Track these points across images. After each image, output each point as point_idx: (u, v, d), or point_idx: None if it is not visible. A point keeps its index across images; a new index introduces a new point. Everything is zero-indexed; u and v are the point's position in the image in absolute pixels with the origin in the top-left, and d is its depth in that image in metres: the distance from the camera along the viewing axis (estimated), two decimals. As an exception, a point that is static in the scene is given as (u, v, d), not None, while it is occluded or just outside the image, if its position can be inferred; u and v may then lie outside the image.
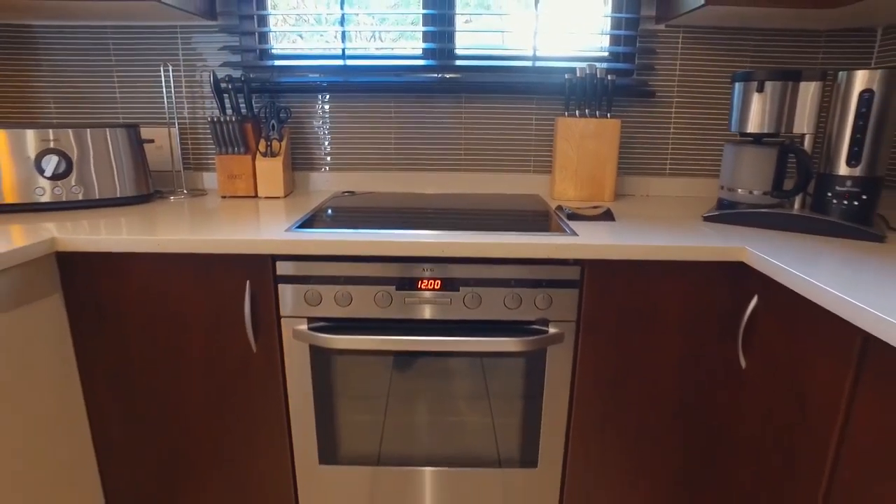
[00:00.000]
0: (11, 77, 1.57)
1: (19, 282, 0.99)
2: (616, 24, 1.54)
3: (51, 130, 1.28)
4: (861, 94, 1.09)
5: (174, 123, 1.58)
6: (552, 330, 1.11)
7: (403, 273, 1.08)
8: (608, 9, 1.55)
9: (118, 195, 1.37)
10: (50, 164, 1.27)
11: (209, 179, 1.63)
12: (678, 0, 1.37)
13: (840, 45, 1.52)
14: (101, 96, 1.58)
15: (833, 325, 0.82)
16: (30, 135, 1.26)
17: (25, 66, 1.56)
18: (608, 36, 1.57)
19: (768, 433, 0.99)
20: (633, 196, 1.60)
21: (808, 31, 1.51)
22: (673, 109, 1.57)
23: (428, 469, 1.22)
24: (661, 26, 1.52)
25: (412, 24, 1.59)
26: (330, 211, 1.30)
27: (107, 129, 1.33)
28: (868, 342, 0.76)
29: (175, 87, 1.56)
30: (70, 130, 1.29)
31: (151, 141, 1.42)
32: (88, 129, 1.31)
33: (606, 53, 1.58)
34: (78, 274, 1.10)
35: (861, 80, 1.09)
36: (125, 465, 1.23)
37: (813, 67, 1.53)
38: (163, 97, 1.57)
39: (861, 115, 1.10)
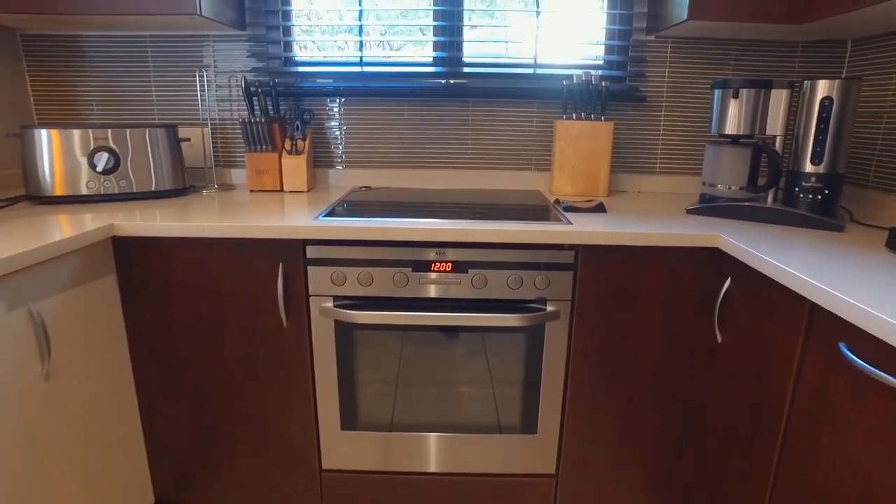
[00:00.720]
0: (59, 82, 1.72)
1: (80, 263, 1.14)
2: (610, 35, 1.69)
3: (104, 130, 1.42)
4: (822, 100, 1.24)
5: (207, 124, 1.72)
6: (550, 308, 1.25)
7: (418, 256, 1.23)
8: (603, 21, 1.69)
9: (158, 188, 1.51)
10: (101, 160, 1.41)
11: (237, 175, 1.77)
12: (665, 14, 1.52)
13: (814, 56, 1.66)
14: (140, 98, 1.73)
15: (787, 298, 0.96)
16: (81, 134, 1.41)
17: (72, 72, 1.71)
18: (603, 46, 1.72)
19: (739, 396, 1.13)
20: (625, 192, 1.75)
21: (786, 43, 1.66)
22: (662, 113, 1.72)
23: (434, 435, 1.36)
24: (651, 37, 1.67)
25: (421, 31, 1.73)
26: (351, 203, 1.45)
27: (148, 130, 1.48)
28: (813, 310, 0.90)
29: (199, 87, 1.71)
30: (119, 130, 1.44)
31: (188, 140, 1.57)
32: (135, 130, 1.46)
33: (601, 62, 1.72)
34: (130, 257, 1.24)
35: (822, 88, 1.24)
36: (167, 428, 1.37)
37: (783, 77, 1.67)
38: (196, 99, 1.71)
39: (822, 119, 1.24)
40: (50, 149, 1.40)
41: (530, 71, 1.70)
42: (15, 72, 1.68)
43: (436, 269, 1.24)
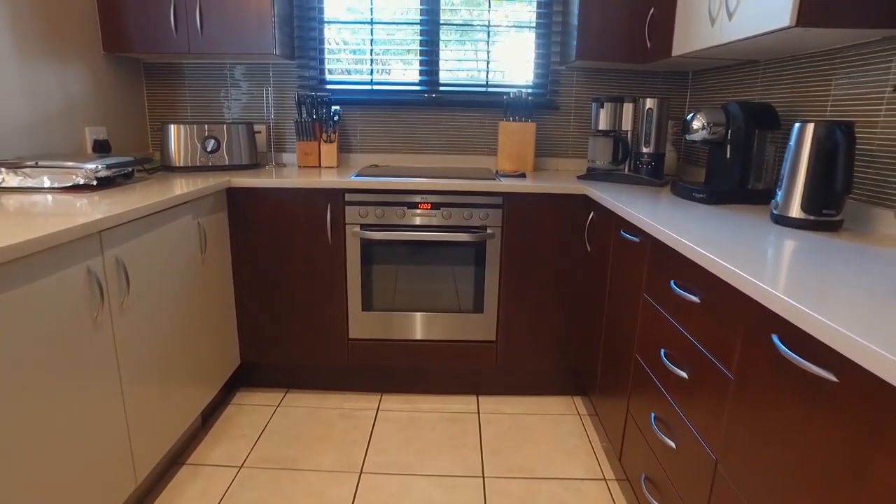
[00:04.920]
0: (166, 93, 2.54)
1: (211, 202, 1.96)
2: (536, 65, 2.56)
3: (212, 125, 2.25)
4: (647, 110, 2.11)
5: (268, 122, 2.56)
6: (489, 231, 2.10)
7: (410, 200, 2.07)
8: (532, 56, 2.56)
9: (241, 163, 2.34)
10: (209, 144, 2.24)
11: (286, 157, 2.61)
12: (568, 53, 2.39)
13: (671, 81, 2.55)
14: (220, 104, 2.56)
15: (611, 217, 1.83)
16: (198, 128, 2.24)
17: (174, 87, 2.53)
18: (532, 72, 2.58)
19: (596, 280, 1.99)
20: (547, 169, 2.61)
21: (652, 72, 2.54)
22: (571, 117, 2.59)
23: (419, 314, 2.20)
24: (563, 67, 2.54)
25: (410, 52, 2.59)
26: (368, 171, 2.29)
27: (238, 125, 2.31)
28: (620, 221, 1.76)
29: (266, 98, 2.55)
30: (219, 125, 2.27)
31: (259, 132, 2.40)
32: (230, 125, 2.29)
33: (530, 83, 2.59)
34: (236, 200, 2.07)
35: (648, 102, 2.11)
36: (251, 311, 2.19)
37: (650, 96, 2.55)
38: (262, 105, 2.55)
39: (648, 121, 2.12)
40: (178, 137, 2.22)
41: (483, 89, 2.57)
42: (138, 86, 2.50)
43: (421, 208, 2.08)
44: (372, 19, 2.52)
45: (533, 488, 1.76)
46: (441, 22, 2.51)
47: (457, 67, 2.59)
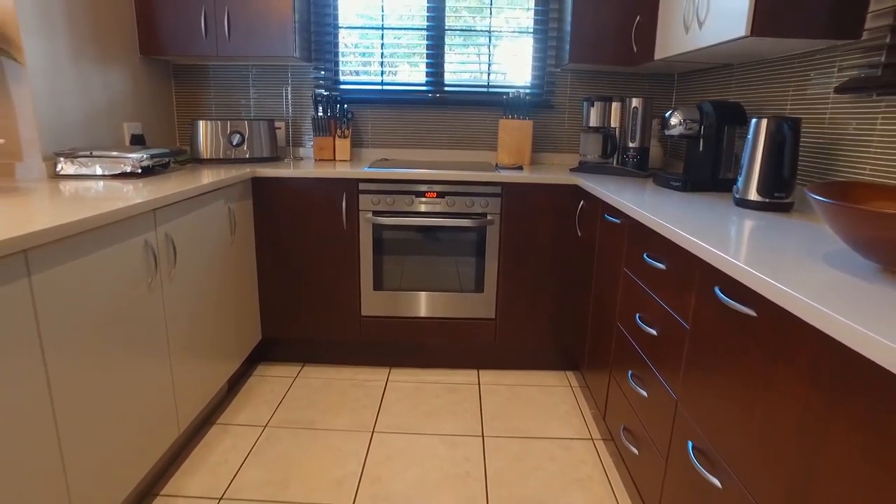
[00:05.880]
0: (193, 92, 2.76)
1: (239, 191, 2.18)
2: (533, 67, 2.77)
3: (236, 121, 2.47)
4: (633, 108, 2.33)
5: (286, 119, 2.78)
6: (489, 217, 2.32)
7: (417, 189, 2.29)
8: (529, 59, 2.78)
9: (262, 156, 2.56)
10: (235, 138, 2.46)
11: (302, 151, 2.83)
12: (562, 57, 2.60)
13: (658, 82, 2.76)
14: (242, 102, 2.78)
15: (598, 204, 2.04)
16: (223, 124, 2.46)
17: (201, 86, 2.76)
18: (530, 74, 2.80)
19: (585, 262, 2.21)
20: (543, 163, 2.83)
21: (640, 74, 2.75)
22: (565, 115, 2.80)
23: (424, 293, 2.41)
24: (558, 69, 2.76)
25: (417, 55, 2.80)
26: (379, 164, 2.50)
27: (260, 122, 2.53)
28: (605, 207, 1.98)
29: (285, 97, 2.77)
30: (242, 121, 2.49)
31: (279, 128, 2.62)
32: (253, 121, 2.51)
33: (528, 84, 2.80)
34: (260, 188, 2.29)
35: (634, 102, 2.33)
36: (272, 290, 2.41)
37: (637, 96, 2.76)
38: (281, 104, 2.77)
39: (634, 118, 2.33)
40: (206, 132, 2.44)
41: (485, 89, 2.78)
42: (167, 86, 2.72)
43: (427, 196, 2.30)
44: (382, 25, 2.74)
45: (527, 445, 1.97)
46: (446, 28, 2.73)
47: (460, 69, 2.81)
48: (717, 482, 1.08)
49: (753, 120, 1.56)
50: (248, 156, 2.52)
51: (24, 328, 1.06)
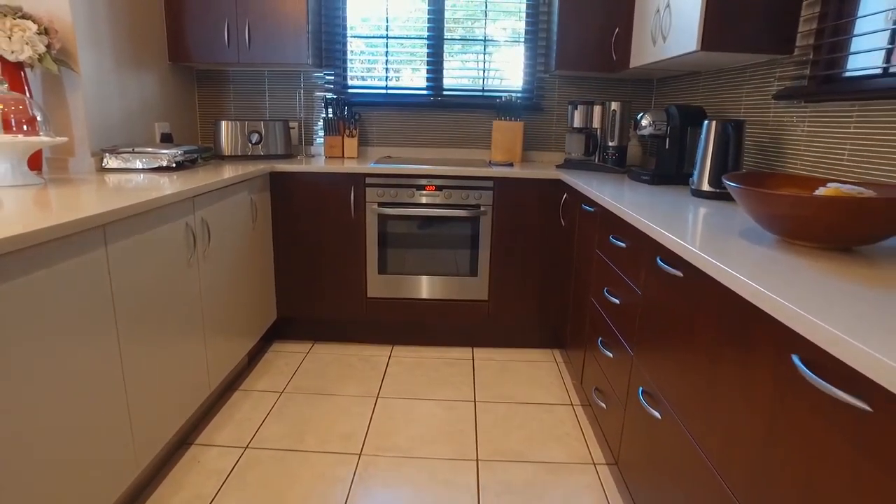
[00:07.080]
0: (214, 94, 3.03)
1: (258, 184, 2.45)
2: (525, 73, 3.03)
3: (254, 122, 2.74)
4: (612, 111, 2.59)
5: (299, 120, 3.04)
6: (482, 209, 2.58)
7: (418, 183, 2.55)
8: (521, 64, 3.04)
9: (278, 153, 2.83)
10: (254, 137, 2.73)
11: (314, 149, 3.09)
12: (551, 64, 2.86)
13: (638, 87, 3.02)
14: (258, 104, 3.04)
15: (577, 196, 2.30)
16: (244, 124, 2.72)
17: (221, 89, 3.02)
18: (521, 79, 3.06)
19: (567, 249, 2.47)
20: (533, 161, 3.09)
21: (622, 80, 3.01)
22: (554, 117, 3.07)
23: (425, 277, 2.68)
24: (547, 75, 3.02)
25: (418, 62, 3.07)
26: (384, 160, 2.77)
27: (276, 122, 2.80)
28: (583, 198, 2.24)
29: (298, 99, 3.03)
30: (258, 122, 2.75)
31: (293, 127, 2.88)
32: (269, 121, 2.77)
33: (519, 88, 3.07)
34: (277, 182, 2.55)
35: (613, 105, 2.59)
36: (287, 274, 2.67)
37: (619, 99, 3.02)
38: (295, 106, 3.04)
39: (612, 119, 2.59)
40: (227, 131, 2.71)
41: (480, 93, 3.05)
42: (191, 89, 2.99)
43: (427, 189, 2.56)
44: (387, 34, 3.00)
45: (513, 409, 2.23)
46: (445, 37, 2.99)
47: (458, 75, 3.07)
48: (657, 414, 1.34)
49: (705, 122, 1.82)
50: (264, 153, 2.79)
51: (102, 290, 1.33)
